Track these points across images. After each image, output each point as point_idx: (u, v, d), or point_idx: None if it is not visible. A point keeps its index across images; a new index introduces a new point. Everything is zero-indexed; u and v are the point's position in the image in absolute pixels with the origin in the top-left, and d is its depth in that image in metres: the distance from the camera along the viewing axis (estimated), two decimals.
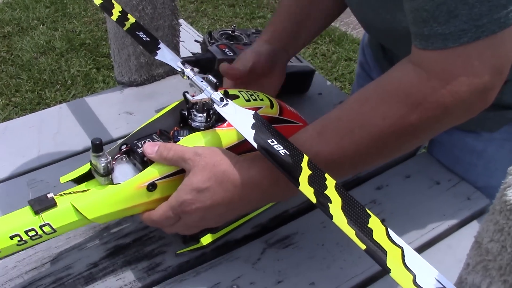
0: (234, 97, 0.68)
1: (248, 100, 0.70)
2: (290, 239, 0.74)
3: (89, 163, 0.62)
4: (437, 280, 0.41)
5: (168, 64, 0.70)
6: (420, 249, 0.75)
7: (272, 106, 0.74)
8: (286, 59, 0.87)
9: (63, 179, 0.64)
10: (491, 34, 0.51)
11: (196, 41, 1.04)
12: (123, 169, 0.63)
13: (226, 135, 0.65)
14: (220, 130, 0.65)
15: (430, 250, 0.75)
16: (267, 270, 0.70)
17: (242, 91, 0.72)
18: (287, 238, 0.75)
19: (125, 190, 0.61)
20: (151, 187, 0.61)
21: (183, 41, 1.07)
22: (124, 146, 0.65)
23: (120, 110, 0.97)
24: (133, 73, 1.02)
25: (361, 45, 1.10)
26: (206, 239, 0.71)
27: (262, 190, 0.61)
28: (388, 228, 0.45)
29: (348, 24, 3.00)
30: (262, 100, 0.73)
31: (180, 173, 0.62)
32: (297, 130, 0.75)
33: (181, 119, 0.68)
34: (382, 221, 0.46)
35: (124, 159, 0.65)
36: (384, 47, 0.95)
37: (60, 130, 0.92)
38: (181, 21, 1.04)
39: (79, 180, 0.63)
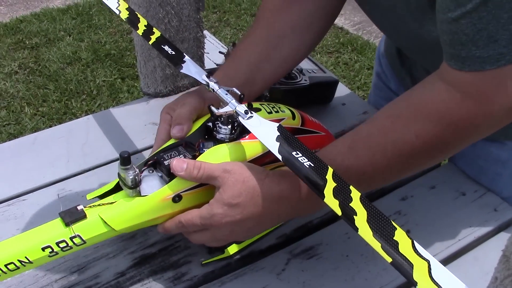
0: (256, 110, 0.68)
1: (270, 112, 0.71)
2: (315, 250, 0.75)
3: (114, 181, 0.64)
4: None
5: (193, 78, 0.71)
6: (446, 261, 0.75)
7: (294, 117, 0.74)
8: None
9: (90, 196, 0.65)
10: None
11: (220, 52, 1.05)
12: (150, 181, 0.64)
13: (249, 147, 0.66)
14: (244, 142, 0.66)
15: (456, 262, 0.75)
16: (291, 280, 0.70)
17: (263, 104, 0.72)
18: (311, 249, 0.75)
19: (151, 201, 0.62)
20: (177, 198, 0.62)
21: (208, 53, 1.08)
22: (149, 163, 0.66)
23: (146, 121, 0.99)
24: (159, 84, 1.03)
25: (377, 54, 1.09)
26: (232, 249, 0.72)
27: (291, 204, 0.62)
28: (414, 241, 0.45)
29: (371, 32, 2.99)
30: (284, 111, 0.74)
31: (204, 185, 0.63)
32: (320, 140, 0.76)
33: (206, 132, 0.69)
34: (407, 232, 0.46)
35: (151, 171, 0.66)
36: (401, 56, 0.95)
37: (88, 141, 0.94)
38: (205, 32, 1.06)
39: (104, 195, 0.65)
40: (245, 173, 0.60)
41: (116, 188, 0.64)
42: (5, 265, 0.56)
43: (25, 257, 0.57)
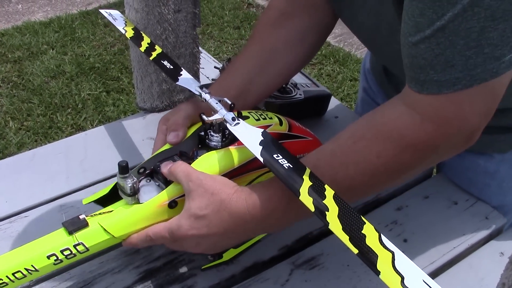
0: (244, 118, 0.71)
1: (258, 119, 0.74)
2: (316, 260, 0.77)
3: (109, 185, 0.66)
4: (424, 282, 0.44)
5: (188, 90, 0.73)
6: (442, 269, 0.77)
7: (281, 124, 0.78)
8: None
9: (85, 200, 0.68)
10: (483, 82, 0.54)
11: (216, 67, 1.07)
12: (148, 190, 0.67)
13: (238, 153, 0.69)
14: (233, 148, 0.69)
15: (452, 269, 0.77)
16: None
17: (251, 112, 0.76)
18: (313, 259, 0.77)
19: (148, 208, 0.64)
20: (174, 204, 0.65)
21: (203, 68, 1.10)
22: (142, 170, 0.68)
23: (144, 136, 1.00)
24: (155, 99, 1.05)
25: (362, 70, 1.12)
26: (228, 254, 0.75)
27: (257, 221, 0.62)
28: (382, 234, 0.49)
29: (352, 44, 3.05)
30: (271, 118, 0.77)
31: None
32: (307, 144, 0.79)
33: (199, 141, 0.72)
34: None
35: (148, 180, 0.68)
36: (388, 73, 0.98)
37: (87, 157, 0.95)
38: (199, 48, 1.08)
39: (102, 202, 0.67)
40: (216, 185, 0.61)
41: (112, 193, 0.66)
42: (13, 274, 0.58)
43: (32, 265, 0.59)
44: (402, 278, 0.44)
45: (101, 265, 0.75)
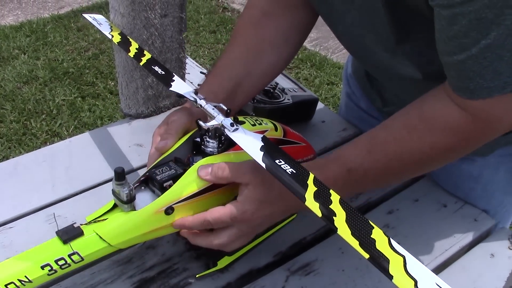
0: (241, 123, 0.71)
1: (254, 125, 0.74)
2: (311, 266, 0.76)
3: (112, 201, 0.64)
4: (437, 285, 0.44)
5: (177, 96, 0.72)
6: (435, 271, 0.78)
7: (276, 129, 0.77)
8: None
9: (89, 218, 0.65)
10: None
11: (202, 72, 1.06)
12: (143, 197, 0.66)
13: (236, 158, 0.68)
14: (231, 153, 0.68)
15: (445, 271, 0.78)
16: None
17: (246, 117, 0.75)
18: (308, 265, 0.77)
19: (144, 215, 0.63)
20: (170, 210, 0.64)
21: (188, 73, 1.09)
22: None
23: (130, 143, 0.98)
24: (141, 105, 1.03)
25: (344, 75, 1.12)
26: (223, 262, 0.74)
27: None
28: (391, 239, 0.48)
29: (328, 48, 3.07)
30: (266, 124, 0.77)
31: (194, 197, 0.65)
32: (301, 150, 0.80)
33: (194, 147, 0.71)
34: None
35: (143, 187, 0.67)
36: (370, 78, 0.99)
37: (72, 164, 0.93)
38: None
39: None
40: (266, 172, 0.62)
41: (114, 208, 0.65)
42: (5, 285, 0.56)
43: (25, 276, 0.57)
44: (416, 281, 0.44)
45: (93, 276, 0.73)
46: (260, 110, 0.95)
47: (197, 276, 0.73)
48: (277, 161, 0.58)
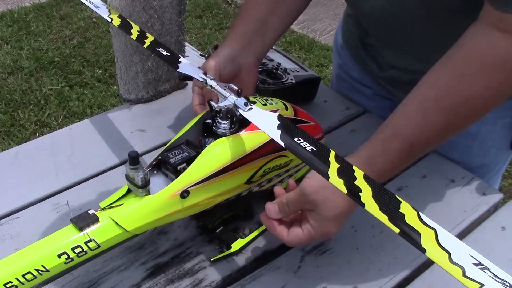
0: (252, 103, 0.69)
1: (265, 105, 0.73)
2: (325, 246, 0.76)
3: (125, 186, 0.63)
4: (471, 256, 0.44)
5: (184, 78, 0.71)
6: None
7: (287, 108, 0.77)
8: (253, 57, 0.86)
9: (103, 204, 0.64)
10: None
11: (201, 55, 1.04)
12: (157, 181, 0.64)
13: (249, 139, 0.67)
14: (244, 134, 0.67)
15: None
16: (309, 277, 0.71)
17: (256, 97, 0.74)
18: (322, 245, 0.76)
19: (160, 199, 0.62)
20: (186, 194, 0.63)
21: (187, 56, 1.07)
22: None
23: (132, 128, 0.96)
24: (141, 90, 1.01)
25: (334, 48, 1.12)
26: (237, 245, 0.74)
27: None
28: (420, 212, 0.48)
29: (315, 31, 3.06)
30: (277, 103, 0.76)
31: (210, 179, 0.64)
32: (311, 129, 0.79)
33: (205, 129, 0.70)
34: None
35: (155, 171, 0.66)
36: (365, 44, 0.97)
37: (74, 152, 0.91)
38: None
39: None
40: (322, 182, 0.61)
41: (128, 193, 0.63)
42: (23, 275, 0.55)
43: (42, 265, 0.56)
44: (449, 254, 0.44)
45: (105, 263, 0.72)
46: (264, 91, 0.93)
47: (212, 259, 0.72)
48: (296, 139, 0.57)
